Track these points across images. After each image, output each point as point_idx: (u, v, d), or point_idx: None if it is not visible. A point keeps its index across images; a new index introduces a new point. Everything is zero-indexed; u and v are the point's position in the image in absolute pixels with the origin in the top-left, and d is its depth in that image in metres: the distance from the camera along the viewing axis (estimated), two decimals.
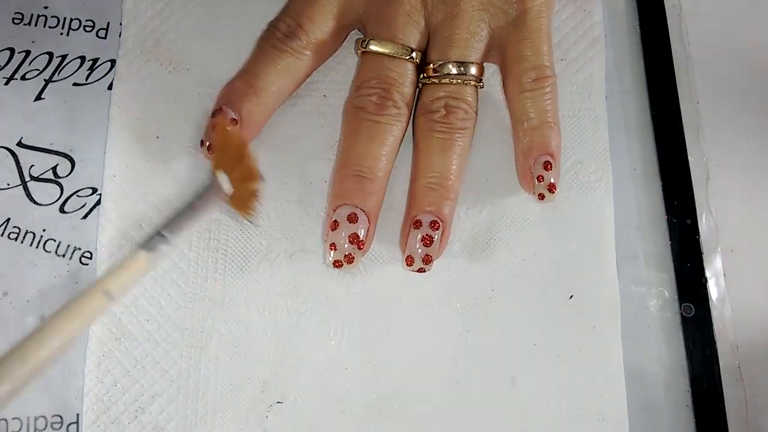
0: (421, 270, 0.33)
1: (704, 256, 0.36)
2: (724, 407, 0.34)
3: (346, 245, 0.32)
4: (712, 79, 0.39)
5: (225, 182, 0.30)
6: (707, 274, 0.36)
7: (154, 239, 0.28)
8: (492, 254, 0.35)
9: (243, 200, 0.31)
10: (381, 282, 0.34)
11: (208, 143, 0.34)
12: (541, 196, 0.34)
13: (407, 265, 0.33)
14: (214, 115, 0.34)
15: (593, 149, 0.37)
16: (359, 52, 0.35)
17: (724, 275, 0.36)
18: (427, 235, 0.33)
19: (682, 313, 0.35)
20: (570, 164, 0.36)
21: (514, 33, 0.34)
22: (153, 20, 0.37)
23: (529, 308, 0.34)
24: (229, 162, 0.31)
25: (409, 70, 0.34)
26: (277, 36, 0.34)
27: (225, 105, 0.34)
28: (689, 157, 0.37)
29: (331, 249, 0.33)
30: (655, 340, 0.35)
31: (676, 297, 0.35)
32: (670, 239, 0.36)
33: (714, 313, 0.35)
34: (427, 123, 0.34)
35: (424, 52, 0.35)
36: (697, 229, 0.36)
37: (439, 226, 0.33)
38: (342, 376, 0.33)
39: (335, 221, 0.33)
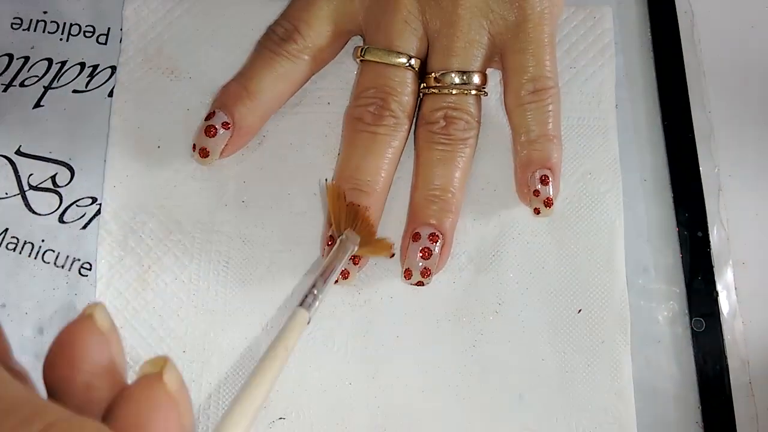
0: (419, 283, 0.33)
1: (715, 270, 0.35)
2: (734, 424, 0.33)
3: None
4: (724, 88, 0.38)
5: (352, 238, 0.31)
6: (718, 287, 0.35)
7: (308, 297, 0.29)
8: (499, 267, 0.34)
9: (373, 247, 0.32)
10: (386, 295, 0.34)
11: (200, 147, 0.33)
12: (537, 211, 0.34)
13: (405, 278, 0.33)
14: (207, 118, 0.33)
15: (603, 159, 0.36)
16: (358, 60, 0.34)
17: (736, 289, 0.35)
18: (426, 248, 0.32)
19: (692, 328, 0.35)
20: (579, 175, 0.36)
21: (514, 42, 0.33)
22: (154, 27, 0.37)
23: (536, 322, 0.34)
24: (347, 221, 0.32)
25: (408, 78, 0.33)
26: (273, 39, 0.34)
27: (218, 108, 0.33)
28: (701, 168, 0.36)
29: None
30: (665, 355, 0.34)
31: (687, 311, 0.35)
32: (681, 252, 0.35)
33: (725, 328, 0.35)
34: (427, 134, 0.33)
35: (425, 60, 0.34)
36: (709, 241, 0.36)
37: (438, 239, 0.32)
38: (346, 392, 0.33)
39: (331, 236, 0.32)
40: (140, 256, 0.34)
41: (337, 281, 0.32)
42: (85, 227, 0.35)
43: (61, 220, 0.35)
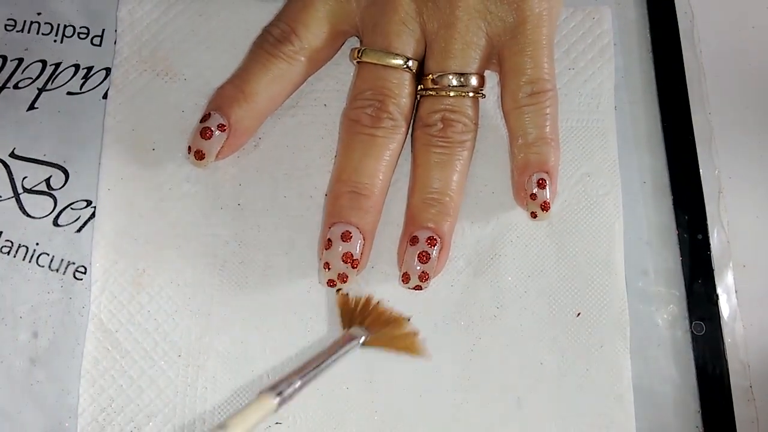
0: (417, 288, 0.32)
1: (716, 272, 0.35)
2: (735, 428, 0.33)
3: (340, 264, 0.31)
4: (724, 89, 0.38)
5: (357, 333, 0.31)
6: (719, 290, 0.35)
7: (284, 383, 0.27)
8: (497, 270, 0.34)
9: (404, 344, 0.32)
10: (384, 299, 0.33)
11: (195, 149, 0.33)
12: (534, 215, 0.33)
13: (403, 282, 0.32)
14: (203, 120, 0.33)
15: (602, 162, 0.36)
16: (354, 61, 0.34)
17: (736, 292, 0.35)
18: (423, 251, 0.32)
19: (692, 331, 0.34)
20: (578, 177, 0.35)
21: (512, 43, 0.33)
22: (149, 28, 0.36)
23: (535, 326, 0.34)
24: (359, 318, 0.32)
25: (406, 80, 0.33)
26: (269, 41, 0.33)
27: (214, 110, 0.33)
28: (701, 170, 0.36)
29: (325, 268, 0.32)
30: (665, 359, 0.34)
31: (687, 314, 0.35)
32: (681, 255, 0.35)
33: (725, 331, 0.34)
34: (424, 137, 0.33)
35: (422, 61, 0.34)
36: (709, 244, 0.35)
37: (436, 243, 0.32)
38: (342, 396, 0.33)
39: (329, 240, 0.32)
40: (135, 260, 0.34)
41: (335, 284, 0.32)
42: (79, 230, 0.35)
43: (55, 223, 0.35)
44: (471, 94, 0.33)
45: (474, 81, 0.33)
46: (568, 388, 0.33)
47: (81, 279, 0.34)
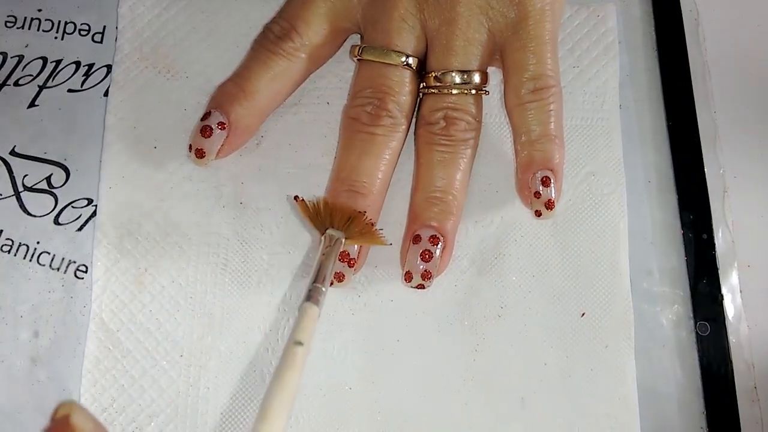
0: (420, 286, 0.32)
1: (720, 272, 0.35)
2: (739, 428, 0.33)
3: (337, 263, 0.31)
4: (729, 88, 0.38)
5: (336, 234, 0.31)
6: (723, 290, 0.35)
7: (312, 291, 0.29)
8: (501, 270, 0.34)
9: (365, 235, 0.32)
10: (386, 299, 0.33)
11: (196, 148, 0.33)
12: (538, 213, 0.33)
13: (406, 281, 0.32)
14: (203, 118, 0.33)
15: (606, 160, 0.35)
16: (355, 59, 0.34)
17: (741, 292, 0.35)
18: (426, 250, 0.32)
19: (697, 331, 0.34)
20: (582, 176, 0.35)
21: (514, 39, 0.33)
22: (150, 25, 0.36)
23: (539, 326, 0.33)
24: (325, 221, 0.32)
25: (406, 77, 0.33)
26: (270, 38, 0.33)
27: (214, 108, 0.33)
28: (706, 169, 0.36)
29: None
30: (670, 360, 0.34)
31: (691, 314, 0.34)
32: (686, 254, 0.35)
33: (730, 331, 0.34)
34: (427, 136, 0.33)
35: (423, 59, 0.33)
36: (714, 244, 0.35)
37: (439, 241, 0.32)
38: (345, 397, 0.32)
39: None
40: (137, 259, 0.33)
41: (332, 284, 0.32)
42: (80, 229, 0.34)
43: (56, 221, 0.34)
44: (474, 92, 0.33)
45: (476, 78, 0.33)
46: (573, 389, 0.33)
47: (82, 278, 0.34)
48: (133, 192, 0.34)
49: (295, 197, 0.32)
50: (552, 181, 0.33)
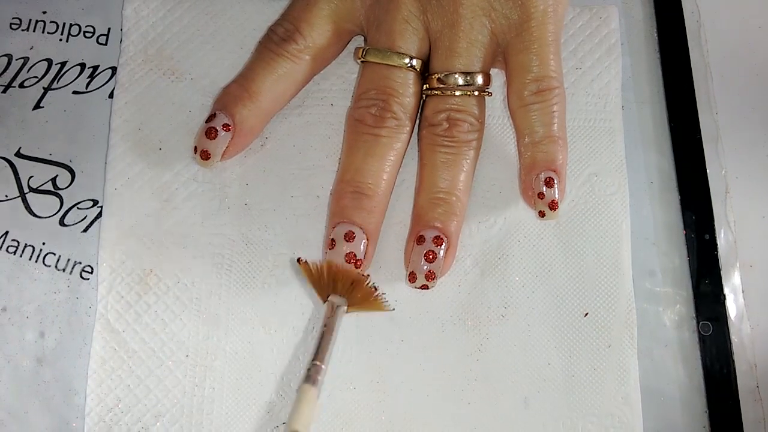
0: (424, 287, 0.32)
1: (722, 272, 0.35)
2: (742, 428, 0.33)
3: (343, 264, 0.31)
4: (731, 89, 0.38)
5: (338, 301, 0.32)
6: (726, 290, 0.35)
7: (311, 370, 0.30)
8: (505, 270, 0.34)
9: (367, 302, 0.32)
10: (391, 299, 0.33)
11: (201, 149, 0.33)
12: (542, 214, 0.33)
13: (410, 281, 0.32)
14: (208, 120, 0.33)
15: (609, 161, 0.36)
16: (358, 61, 0.34)
17: (743, 292, 0.35)
18: (430, 251, 0.32)
19: (699, 331, 0.34)
20: (585, 177, 0.35)
21: (517, 41, 0.33)
22: (155, 27, 0.36)
23: (542, 326, 0.34)
24: (328, 285, 0.32)
25: (410, 79, 0.33)
26: (274, 40, 0.33)
27: (219, 110, 0.33)
28: (708, 170, 0.36)
29: None
30: (672, 359, 0.34)
31: (694, 314, 0.34)
32: (688, 255, 0.35)
33: (732, 331, 0.34)
34: (430, 137, 0.33)
35: (426, 60, 0.33)
36: (716, 244, 0.35)
37: (443, 242, 0.32)
38: (350, 396, 0.33)
39: (332, 239, 0.32)
40: (142, 260, 0.34)
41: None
42: (86, 230, 0.35)
43: (62, 222, 0.35)
44: (477, 93, 0.33)
45: (479, 79, 0.33)
46: (576, 389, 0.33)
47: (88, 279, 0.34)
48: (138, 193, 0.34)
49: (298, 259, 0.32)
50: (555, 182, 0.33)
